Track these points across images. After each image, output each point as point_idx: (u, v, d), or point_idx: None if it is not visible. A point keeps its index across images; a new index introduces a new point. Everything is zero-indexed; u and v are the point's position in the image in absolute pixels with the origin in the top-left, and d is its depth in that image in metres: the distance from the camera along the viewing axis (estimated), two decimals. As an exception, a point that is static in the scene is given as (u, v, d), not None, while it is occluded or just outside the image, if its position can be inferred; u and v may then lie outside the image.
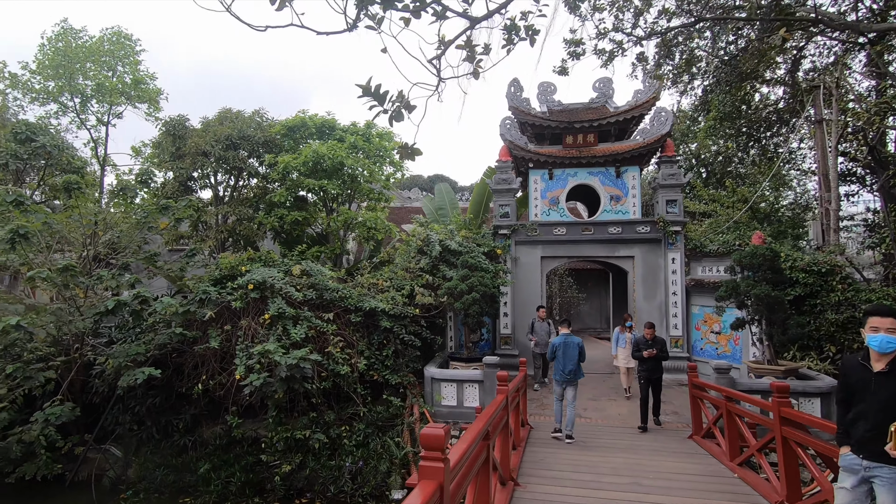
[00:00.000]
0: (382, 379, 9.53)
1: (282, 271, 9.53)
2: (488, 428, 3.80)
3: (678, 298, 12.64)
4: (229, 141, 12.02)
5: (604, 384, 11.97)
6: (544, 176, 13.77)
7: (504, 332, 13.24)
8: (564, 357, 7.53)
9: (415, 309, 9.92)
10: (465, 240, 11.77)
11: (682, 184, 12.79)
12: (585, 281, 21.84)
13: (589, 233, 13.18)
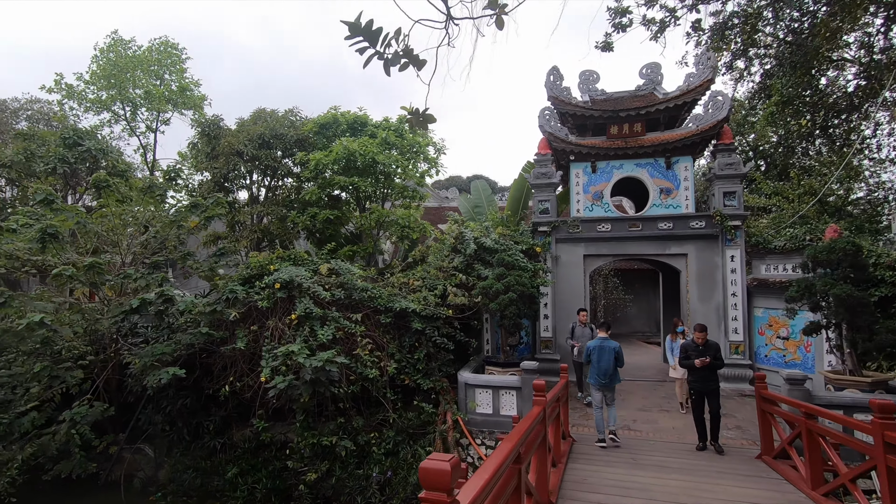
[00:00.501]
0: (414, 384, 9.02)
1: (310, 270, 9.22)
2: (519, 449, 3.19)
3: (738, 300, 11.48)
4: (262, 140, 11.92)
5: (654, 393, 10.99)
6: (587, 169, 12.92)
7: (544, 336, 12.47)
8: (599, 362, 7.49)
9: (448, 310, 9.37)
10: (502, 237, 11.11)
11: (742, 174, 11.62)
12: (633, 282, 20.62)
13: (636, 229, 12.22)
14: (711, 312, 11.75)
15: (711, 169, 11.90)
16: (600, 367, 7.40)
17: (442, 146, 14.00)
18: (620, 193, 15.59)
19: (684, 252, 12.01)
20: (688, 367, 7.41)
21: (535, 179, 12.73)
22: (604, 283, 18.85)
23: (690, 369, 7.40)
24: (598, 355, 7.47)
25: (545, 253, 12.43)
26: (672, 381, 11.13)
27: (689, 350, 7.43)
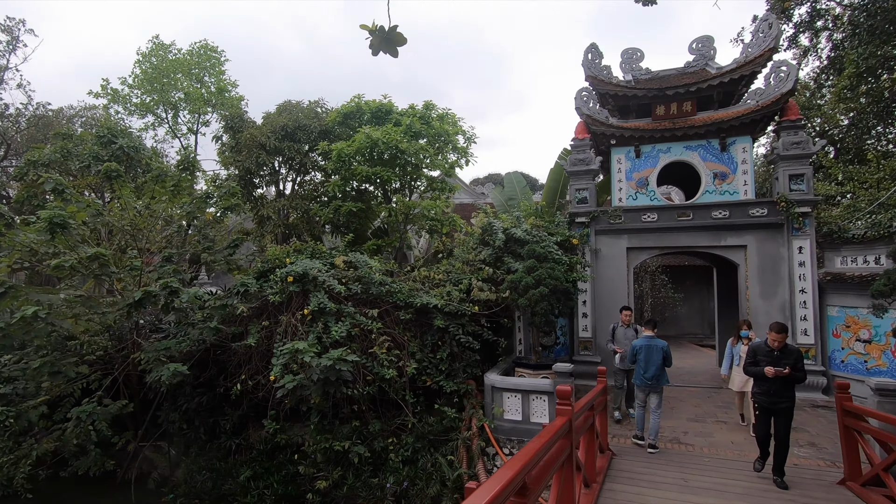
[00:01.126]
0: (436, 386, 8.32)
1: (326, 263, 8.71)
2: (525, 478, 2.41)
3: (808, 297, 10.07)
4: (285, 131, 11.59)
5: (709, 401, 9.78)
6: (629, 154, 11.80)
7: (583, 336, 11.46)
8: (647, 362, 6.98)
9: (474, 306, 8.61)
10: (535, 228, 10.23)
11: (811, 153, 10.20)
12: (683, 279, 19.07)
13: (686, 218, 11.00)
14: (775, 311, 10.38)
15: (774, 149, 10.54)
16: (647, 368, 6.96)
17: (472, 135, 13.25)
18: (667, 182, 14.30)
19: (743, 243, 10.69)
20: (754, 374, 5.88)
21: (572, 166, 11.75)
22: (650, 281, 17.47)
23: (758, 378, 5.87)
24: (645, 355, 7.01)
25: (583, 246, 11.42)
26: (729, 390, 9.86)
27: (759, 354, 5.89)
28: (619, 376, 8.58)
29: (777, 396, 5.74)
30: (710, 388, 10.84)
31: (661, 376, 6.98)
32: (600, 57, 12.06)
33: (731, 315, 13.12)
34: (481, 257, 9.44)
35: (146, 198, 8.43)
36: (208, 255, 8.71)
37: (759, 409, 6.04)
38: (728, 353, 8.16)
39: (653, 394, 7.01)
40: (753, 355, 6.00)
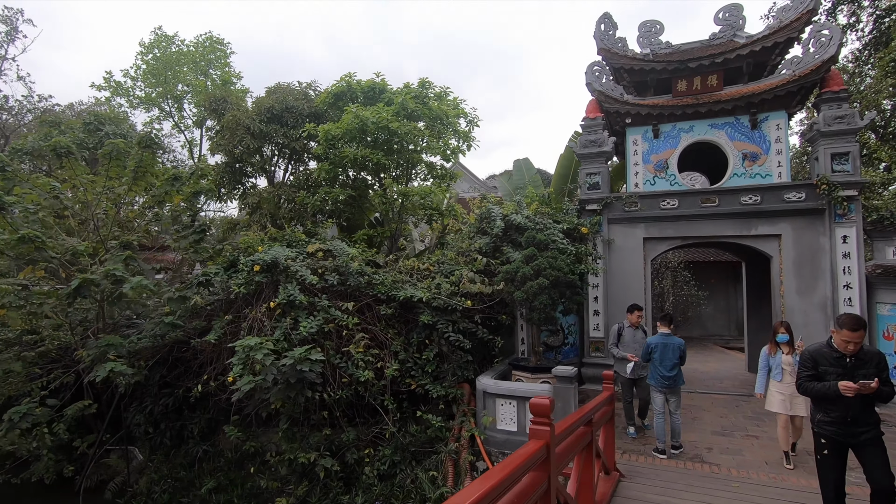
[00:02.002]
0: (422, 390, 7.36)
1: (302, 252, 7.86)
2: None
3: (854, 293, 8.77)
4: (271, 113, 10.80)
5: (736, 411, 8.58)
6: (646, 134, 10.63)
7: (594, 336, 10.34)
8: (662, 361, 6.46)
9: (466, 301, 7.62)
10: (538, 214, 9.18)
11: (858, 127, 8.89)
12: (707, 276, 17.68)
13: (711, 205, 9.79)
14: (814, 310, 9.12)
15: (814, 125, 9.26)
16: (663, 368, 6.44)
17: (475, 118, 12.25)
18: (689, 169, 13.05)
19: (776, 232, 9.44)
20: (819, 394, 4.03)
21: (583, 148, 10.64)
22: (672, 277, 16.17)
23: (823, 399, 4.04)
24: (661, 353, 6.48)
25: (594, 235, 10.30)
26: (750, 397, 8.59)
27: (822, 362, 4.10)
28: (627, 387, 7.30)
29: (856, 425, 3.92)
30: (739, 396, 9.61)
31: (678, 376, 6.54)
32: (614, 28, 10.92)
33: (762, 315, 11.83)
34: (476, 246, 8.45)
35: (102, 178, 7.70)
36: (173, 241, 7.95)
37: (829, 445, 4.08)
38: (763, 365, 6.23)
39: (671, 395, 6.56)
40: (813, 365, 4.14)
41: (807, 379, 4.18)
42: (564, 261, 7.57)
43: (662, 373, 6.45)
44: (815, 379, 4.11)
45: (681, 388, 6.67)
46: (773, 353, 6.16)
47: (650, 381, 6.69)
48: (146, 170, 7.83)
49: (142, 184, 7.99)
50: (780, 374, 6.02)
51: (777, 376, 6.05)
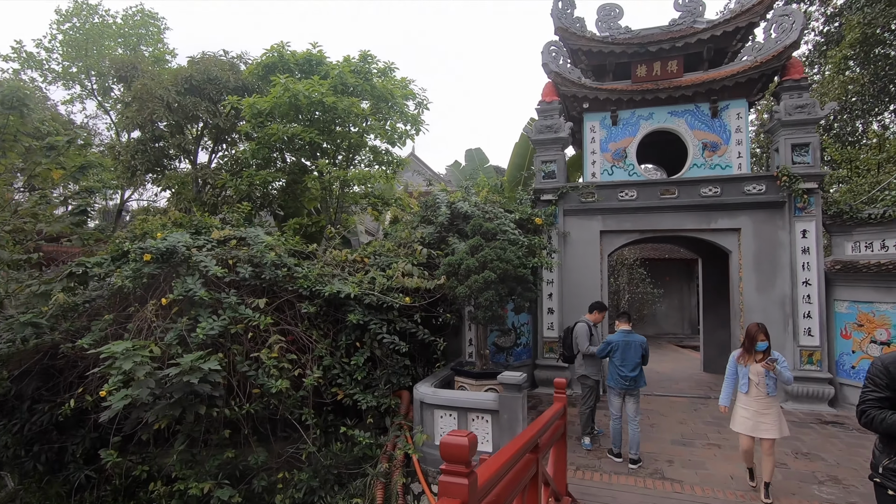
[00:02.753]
0: (350, 401, 6.33)
1: (209, 240, 6.66)
2: None
3: (813, 290, 8.41)
4: (189, 83, 9.44)
5: (696, 415, 8.02)
6: (605, 121, 10.00)
7: (548, 336, 9.62)
8: (623, 360, 5.95)
9: (405, 297, 6.64)
10: (489, 203, 8.32)
11: (818, 118, 8.54)
12: (661, 273, 17.47)
13: (671, 196, 9.25)
14: (773, 308, 8.71)
15: (775, 114, 8.85)
16: (624, 367, 5.93)
17: (424, 100, 11.29)
18: (647, 161, 12.61)
19: (736, 226, 8.99)
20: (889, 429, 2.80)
21: (538, 134, 9.88)
22: (628, 275, 15.80)
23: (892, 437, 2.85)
24: (622, 352, 5.96)
25: (549, 227, 9.57)
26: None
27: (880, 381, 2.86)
28: (594, 392, 6.57)
29: None
30: (697, 399, 9.11)
31: (640, 377, 6.00)
32: (572, 7, 10.21)
33: (718, 313, 11.48)
34: (418, 236, 7.49)
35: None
36: (46, 224, 6.56)
37: None
38: (730, 373, 5.15)
39: (629, 398, 6.01)
40: (890, 383, 2.81)
41: (875, 404, 2.82)
42: (515, 253, 6.73)
43: (623, 373, 5.94)
44: (888, 405, 2.79)
45: (641, 390, 6.10)
46: (746, 363, 4.99)
47: (609, 383, 6.16)
48: (14, 136, 6.41)
49: (11, 155, 6.55)
50: (746, 386, 4.97)
51: (744, 387, 5.00)
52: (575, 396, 9.06)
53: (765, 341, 4.91)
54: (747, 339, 5.03)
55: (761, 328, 4.97)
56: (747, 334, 5.04)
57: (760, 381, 4.86)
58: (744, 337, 5.14)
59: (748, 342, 5.01)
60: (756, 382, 4.89)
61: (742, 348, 5.14)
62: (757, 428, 4.86)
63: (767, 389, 4.85)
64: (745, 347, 5.05)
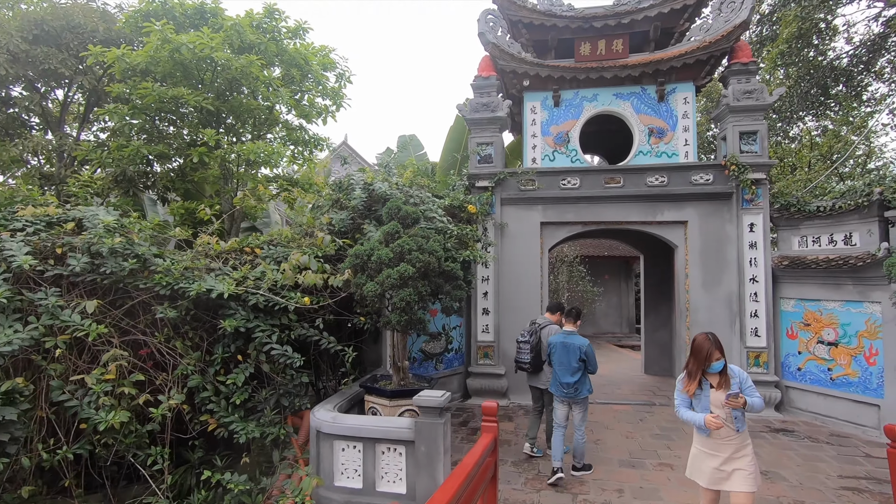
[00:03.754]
0: (227, 432, 4.86)
1: (34, 221, 4.96)
2: None
3: (760, 287, 7.88)
4: (41, 30, 7.48)
5: (641, 426, 7.20)
6: (546, 102, 9.07)
7: (483, 340, 8.54)
8: (560, 364, 5.30)
9: (303, 297, 5.23)
10: (415, 187, 7.08)
11: (767, 104, 8.03)
12: (600, 271, 17.05)
13: (616, 186, 8.45)
14: (720, 306, 8.12)
15: (723, 99, 8.27)
16: (561, 373, 5.26)
17: (346, 71, 9.86)
18: (591, 150, 11.90)
19: (683, 219, 8.33)
20: None
21: (473, 113, 8.78)
22: (568, 272, 15.16)
23: None
24: (559, 355, 5.29)
25: (485, 218, 8.51)
26: (658, 408, 7.31)
27: None
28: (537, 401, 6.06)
29: None
30: (641, 406, 8.35)
31: (581, 383, 5.24)
32: (512, -27, 9.19)
33: (660, 312, 10.92)
34: (324, 222, 6.11)
35: None
36: None
37: None
38: (682, 403, 3.63)
39: (575, 406, 5.34)
40: None
41: None
42: (441, 243, 5.53)
43: (560, 378, 5.26)
44: None
45: (587, 398, 5.37)
46: (693, 393, 3.50)
47: (551, 390, 5.48)
48: None
49: None
50: (705, 428, 3.37)
51: (703, 430, 3.42)
52: (513, 408, 8.05)
53: (721, 359, 3.38)
54: (694, 359, 3.47)
55: (713, 341, 3.42)
56: (694, 351, 3.48)
57: (727, 417, 3.35)
58: (689, 355, 3.54)
59: (695, 363, 3.46)
60: (724, 418, 3.33)
61: (685, 372, 3.57)
62: (728, 479, 3.36)
63: (736, 426, 3.35)
64: (691, 370, 3.50)
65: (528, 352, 5.78)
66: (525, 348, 5.82)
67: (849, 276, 7.00)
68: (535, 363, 5.75)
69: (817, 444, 6.46)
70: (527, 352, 5.78)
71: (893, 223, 6.55)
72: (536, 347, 5.77)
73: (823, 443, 6.54)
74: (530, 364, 5.76)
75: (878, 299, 6.71)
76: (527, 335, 5.90)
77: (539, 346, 5.78)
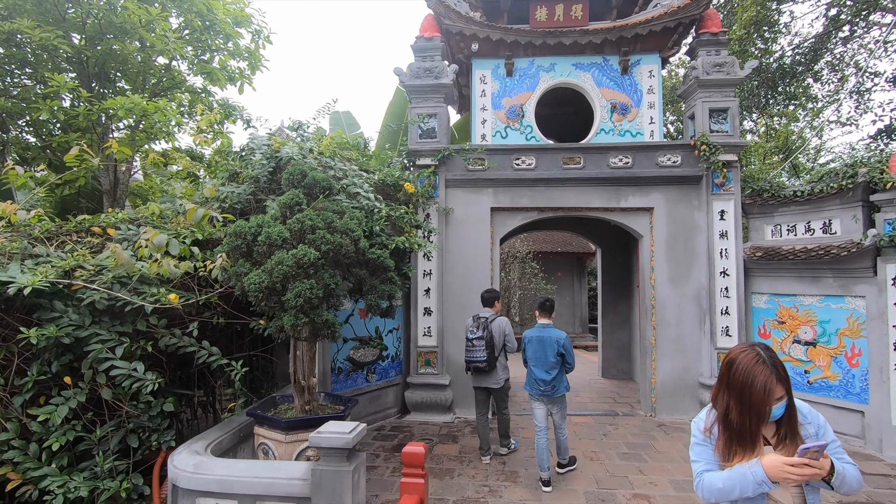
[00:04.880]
0: (37, 491, 3.30)
1: None
2: None
3: (732, 281, 7.07)
4: None
5: (606, 441, 6.16)
6: (498, 70, 7.93)
7: (424, 345, 7.27)
8: (536, 360, 4.87)
9: (166, 293, 3.73)
10: (338, 159, 5.70)
11: (738, 79, 7.25)
12: (553, 269, 16.23)
13: (576, 167, 7.42)
14: (689, 303, 7.26)
15: (692, 72, 7.43)
16: (537, 369, 4.90)
17: (264, 27, 8.35)
18: (545, 133, 10.89)
19: (649, 205, 7.41)
20: None
21: (415, 79, 7.49)
22: (520, 269, 14.16)
23: None
24: (535, 350, 4.93)
25: (427, 202, 7.25)
26: (635, 419, 6.28)
27: None
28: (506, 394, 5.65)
29: None
30: (603, 417, 7.36)
31: (559, 380, 4.91)
32: (460, -78, 7.99)
33: (618, 310, 10.08)
34: (207, 194, 4.64)
35: None
36: None
37: None
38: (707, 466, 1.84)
39: (553, 406, 5.00)
40: None
41: None
42: (360, 222, 4.20)
43: (536, 375, 4.90)
44: None
45: (564, 396, 5.03)
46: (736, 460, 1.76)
47: (526, 389, 5.13)
48: None
49: None
50: None
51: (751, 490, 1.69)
52: (460, 425, 6.81)
53: (783, 398, 1.74)
54: (737, 400, 1.75)
55: (770, 363, 1.74)
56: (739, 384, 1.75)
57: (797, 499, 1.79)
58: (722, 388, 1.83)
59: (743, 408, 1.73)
60: None
61: (718, 423, 1.85)
62: None
63: None
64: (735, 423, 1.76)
65: (482, 348, 5.24)
66: (479, 344, 5.26)
67: (829, 268, 6.27)
68: (490, 360, 5.24)
69: (802, 460, 5.64)
70: (481, 348, 5.24)
71: (880, 208, 5.86)
72: (491, 343, 5.26)
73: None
74: (486, 362, 5.22)
75: (861, 293, 6.01)
76: (478, 330, 5.32)
77: (493, 342, 5.27)
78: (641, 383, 7.85)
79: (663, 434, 6.49)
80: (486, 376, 5.37)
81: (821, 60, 13.33)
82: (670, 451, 5.84)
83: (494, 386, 5.38)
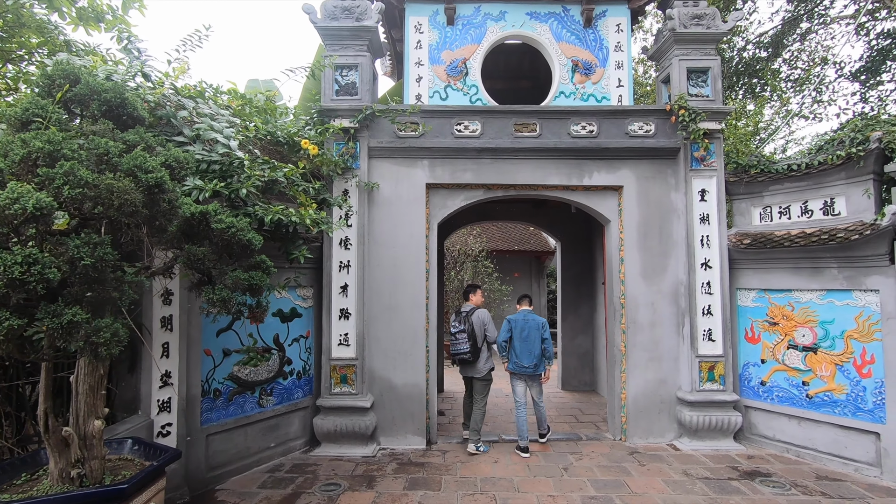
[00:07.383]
0: None
1: None
2: None
3: (715, 275, 5.86)
4: None
5: (569, 481, 4.72)
6: (437, 18, 6.48)
7: (339, 357, 5.65)
8: (521, 341, 5.53)
9: None
10: (208, 105, 4.06)
11: (720, 33, 6.08)
12: (509, 269, 14.91)
13: (530, 135, 6.03)
14: (664, 302, 5.99)
15: (667, 23, 6.20)
16: (522, 352, 5.52)
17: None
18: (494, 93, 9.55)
19: (618, 183, 6.10)
20: None
21: (330, 20, 5.91)
22: (473, 268, 12.72)
23: None
24: (520, 331, 5.55)
25: (344, 173, 5.68)
26: (612, 445, 4.93)
27: None
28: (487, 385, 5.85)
29: None
30: (566, 444, 5.95)
31: (541, 363, 5.52)
32: None
33: (579, 313, 8.79)
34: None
35: None
36: None
37: None
38: None
39: (531, 382, 5.63)
40: None
41: None
42: (184, 164, 2.59)
43: (521, 360, 5.51)
44: None
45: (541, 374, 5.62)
46: None
47: (509, 368, 5.66)
48: None
49: None
50: None
51: None
52: (383, 459, 5.24)
53: None
54: None
55: None
56: None
57: None
58: None
59: None
60: None
61: None
62: None
63: None
64: None
65: (465, 341, 5.59)
66: (461, 338, 5.60)
67: (833, 257, 5.13)
68: (473, 351, 5.58)
69: (811, 498, 4.41)
70: (464, 341, 5.59)
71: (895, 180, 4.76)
72: (473, 335, 5.60)
73: (818, 493, 4.51)
74: (470, 353, 5.57)
75: (874, 286, 4.88)
76: (459, 325, 5.66)
77: (474, 334, 5.60)
78: (609, 399, 6.52)
79: (638, 466, 5.14)
80: (470, 367, 5.70)
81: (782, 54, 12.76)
82: (649, 492, 4.48)
83: (477, 375, 5.68)
